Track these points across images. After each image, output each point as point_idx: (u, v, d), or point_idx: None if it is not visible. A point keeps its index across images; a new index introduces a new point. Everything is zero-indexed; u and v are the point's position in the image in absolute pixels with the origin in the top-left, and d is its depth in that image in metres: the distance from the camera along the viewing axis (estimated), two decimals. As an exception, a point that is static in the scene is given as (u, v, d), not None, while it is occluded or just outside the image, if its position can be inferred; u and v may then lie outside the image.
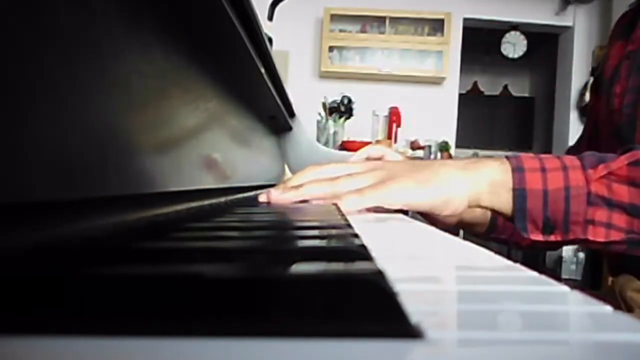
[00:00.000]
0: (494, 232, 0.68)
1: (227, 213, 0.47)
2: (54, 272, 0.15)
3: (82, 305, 0.13)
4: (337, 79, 3.58)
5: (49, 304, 0.13)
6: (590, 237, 0.46)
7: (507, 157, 0.49)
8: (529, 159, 0.48)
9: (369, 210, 0.54)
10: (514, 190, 0.47)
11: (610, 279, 0.71)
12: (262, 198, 0.55)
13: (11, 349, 0.11)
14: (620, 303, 0.65)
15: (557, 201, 0.46)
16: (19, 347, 0.11)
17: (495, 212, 0.50)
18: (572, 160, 0.47)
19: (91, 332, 0.12)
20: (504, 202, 0.48)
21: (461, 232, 0.81)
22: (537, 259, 3.88)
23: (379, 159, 0.63)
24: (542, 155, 0.49)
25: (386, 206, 0.49)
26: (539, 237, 0.48)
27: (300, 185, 0.53)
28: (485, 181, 0.48)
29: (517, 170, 0.47)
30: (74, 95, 0.24)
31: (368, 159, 0.64)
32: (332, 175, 0.52)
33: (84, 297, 0.14)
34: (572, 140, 3.69)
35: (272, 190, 0.54)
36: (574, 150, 0.83)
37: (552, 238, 0.47)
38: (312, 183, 0.52)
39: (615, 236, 0.45)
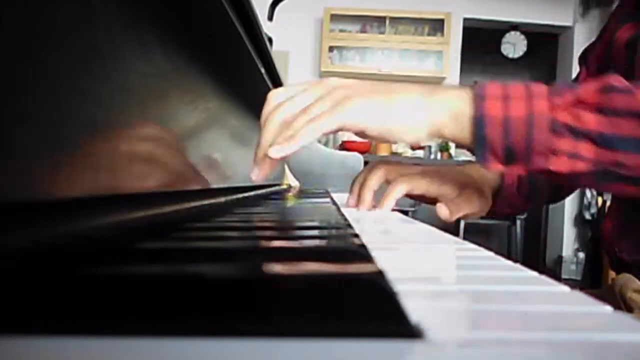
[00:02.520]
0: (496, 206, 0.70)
1: (227, 213, 0.47)
2: (54, 272, 0.15)
3: (82, 306, 0.13)
4: (337, 79, 3.58)
5: (49, 304, 0.13)
6: (552, 168, 0.44)
7: (471, 86, 0.46)
8: (493, 87, 0.45)
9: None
10: (473, 118, 0.44)
11: (610, 278, 0.71)
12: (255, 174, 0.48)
13: (11, 349, 0.11)
14: (620, 303, 0.65)
15: (519, 129, 0.43)
16: (19, 347, 0.11)
17: (456, 142, 0.47)
18: (539, 88, 0.45)
19: (91, 332, 0.12)
20: (464, 131, 0.45)
21: (461, 232, 0.82)
22: (537, 258, 3.88)
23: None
24: (510, 84, 0.46)
25: (344, 129, 0.45)
26: (499, 167, 0.45)
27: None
28: (446, 109, 0.45)
29: (478, 98, 0.44)
30: (74, 95, 0.24)
31: None
32: (294, 111, 0.47)
33: (84, 297, 0.14)
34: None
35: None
36: None
37: (513, 169, 0.45)
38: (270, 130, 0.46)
39: (581, 167, 0.43)
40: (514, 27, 3.92)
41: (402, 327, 0.13)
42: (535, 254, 3.92)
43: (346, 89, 0.47)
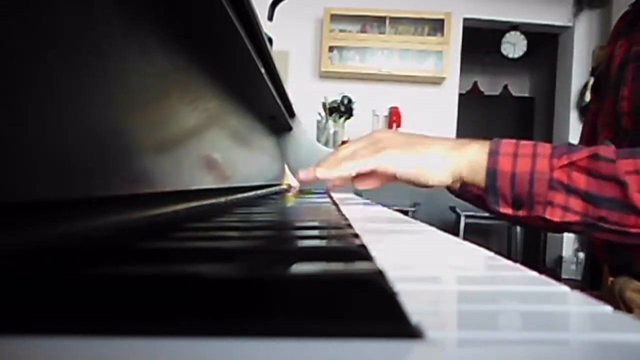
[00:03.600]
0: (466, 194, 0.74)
1: (227, 213, 0.47)
2: (54, 272, 0.15)
3: (81, 305, 0.13)
4: (337, 79, 3.58)
5: (49, 304, 0.13)
6: (548, 216, 0.53)
7: (491, 140, 0.56)
8: (506, 144, 0.55)
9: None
10: (487, 170, 0.55)
11: (610, 279, 0.71)
12: (302, 175, 0.62)
13: (11, 349, 0.11)
14: (620, 303, 0.65)
15: (523, 182, 0.54)
16: (19, 347, 0.11)
17: (474, 186, 0.58)
18: (544, 149, 0.54)
19: (91, 332, 0.12)
20: (480, 179, 0.56)
21: (461, 232, 0.83)
22: (537, 258, 3.88)
23: None
24: (521, 142, 0.56)
25: (379, 171, 0.56)
26: (508, 210, 0.56)
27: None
28: (466, 160, 0.56)
29: (493, 154, 0.55)
30: (74, 95, 0.24)
31: None
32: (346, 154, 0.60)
33: (84, 297, 0.14)
34: (572, 140, 3.69)
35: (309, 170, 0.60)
36: None
37: (520, 213, 0.56)
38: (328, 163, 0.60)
39: (571, 218, 0.53)
40: (514, 27, 3.92)
41: (402, 327, 0.13)
42: (535, 254, 3.93)
43: (385, 140, 0.59)
